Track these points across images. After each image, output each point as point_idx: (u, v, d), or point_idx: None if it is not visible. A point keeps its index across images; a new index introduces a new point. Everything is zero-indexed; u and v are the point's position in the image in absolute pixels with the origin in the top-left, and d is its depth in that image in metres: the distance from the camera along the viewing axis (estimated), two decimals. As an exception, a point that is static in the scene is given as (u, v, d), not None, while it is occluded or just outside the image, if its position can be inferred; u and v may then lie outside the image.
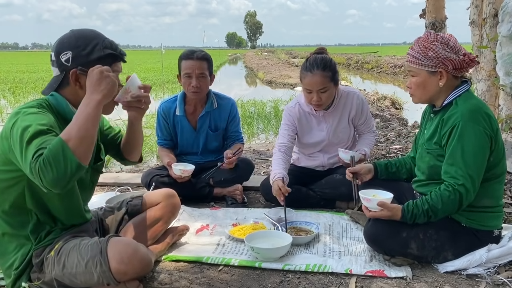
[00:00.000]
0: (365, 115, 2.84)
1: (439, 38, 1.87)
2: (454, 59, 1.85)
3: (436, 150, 1.93)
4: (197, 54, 2.82)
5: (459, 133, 1.80)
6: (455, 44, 1.86)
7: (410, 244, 1.91)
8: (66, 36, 1.69)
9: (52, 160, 1.40)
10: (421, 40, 1.90)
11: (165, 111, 2.98)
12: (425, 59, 1.87)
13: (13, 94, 11.54)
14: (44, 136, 1.48)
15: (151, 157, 4.89)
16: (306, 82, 2.59)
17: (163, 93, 11.17)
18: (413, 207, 1.87)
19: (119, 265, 1.61)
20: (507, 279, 1.85)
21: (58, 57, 1.66)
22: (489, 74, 4.00)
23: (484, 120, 1.81)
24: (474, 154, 1.79)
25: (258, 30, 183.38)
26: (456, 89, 1.91)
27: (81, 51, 1.65)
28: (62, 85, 1.69)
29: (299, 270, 1.96)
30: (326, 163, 2.89)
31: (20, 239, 1.70)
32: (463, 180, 1.79)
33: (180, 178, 2.77)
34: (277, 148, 2.73)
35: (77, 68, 1.65)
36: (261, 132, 6.41)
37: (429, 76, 1.90)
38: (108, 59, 1.69)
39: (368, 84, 14.42)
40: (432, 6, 4.63)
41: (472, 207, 1.88)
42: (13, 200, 1.65)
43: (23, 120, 1.52)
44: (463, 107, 1.84)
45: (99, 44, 1.68)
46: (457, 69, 1.87)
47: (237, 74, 24.26)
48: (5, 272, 1.76)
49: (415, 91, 1.97)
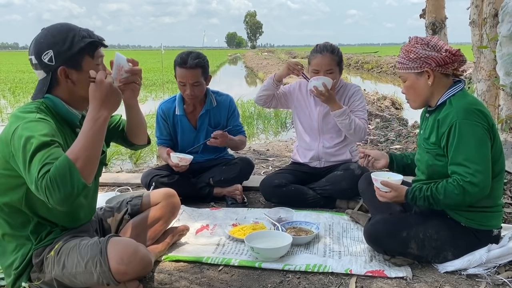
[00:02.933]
0: (357, 106, 2.82)
1: (419, 40, 1.93)
2: (436, 56, 1.88)
3: (435, 150, 1.93)
4: (190, 63, 2.72)
5: (458, 132, 1.81)
6: (436, 43, 1.91)
7: (410, 244, 1.91)
8: (41, 36, 1.64)
9: (60, 181, 1.40)
10: (404, 46, 1.98)
11: (165, 111, 2.98)
12: (409, 61, 1.93)
13: (13, 94, 11.55)
14: (48, 149, 1.47)
15: (151, 157, 4.89)
16: (315, 62, 2.73)
17: (163, 93, 11.17)
18: (416, 189, 1.89)
19: (119, 265, 1.61)
20: (507, 279, 1.86)
21: (40, 59, 1.62)
22: (489, 74, 4.00)
23: (479, 117, 1.82)
24: (477, 149, 1.79)
25: (258, 30, 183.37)
26: (450, 89, 1.93)
27: (61, 47, 1.61)
28: (52, 86, 1.67)
29: (299, 270, 1.96)
30: (322, 153, 2.89)
31: (20, 239, 1.70)
32: (470, 177, 1.78)
33: (177, 166, 2.72)
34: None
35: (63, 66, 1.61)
36: (261, 132, 6.41)
37: (417, 78, 1.94)
38: (90, 47, 1.66)
39: (368, 84, 14.42)
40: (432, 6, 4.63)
41: (471, 207, 1.89)
42: (14, 203, 1.65)
43: (25, 129, 1.50)
44: (457, 105, 1.86)
45: (76, 35, 1.63)
46: (441, 66, 1.90)
47: (237, 74, 24.26)
48: (5, 271, 1.76)
49: (409, 95, 2.02)
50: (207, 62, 2.85)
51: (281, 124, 6.81)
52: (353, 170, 2.72)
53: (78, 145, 1.49)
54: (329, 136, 2.87)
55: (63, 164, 1.42)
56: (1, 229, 1.71)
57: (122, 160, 4.73)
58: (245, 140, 3.07)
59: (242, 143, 3.03)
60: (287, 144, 5.04)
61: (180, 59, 2.76)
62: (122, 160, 4.73)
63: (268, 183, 2.82)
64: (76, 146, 1.49)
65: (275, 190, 2.78)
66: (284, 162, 3.97)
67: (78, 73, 1.65)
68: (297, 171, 2.92)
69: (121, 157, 4.81)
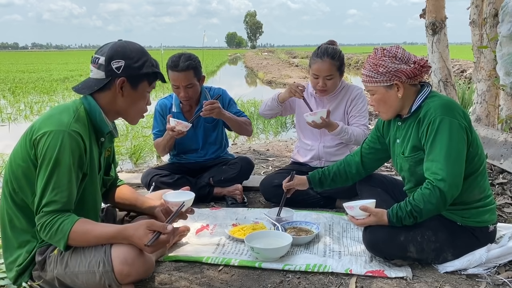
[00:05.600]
0: (358, 110, 2.85)
1: (386, 52, 1.91)
2: (406, 69, 1.88)
3: (416, 155, 1.93)
4: (182, 66, 2.70)
5: (436, 127, 1.81)
6: (403, 55, 1.90)
7: (408, 248, 1.91)
8: (120, 46, 1.75)
9: (48, 237, 1.60)
10: (370, 58, 1.95)
11: (162, 107, 2.99)
12: (378, 75, 1.91)
13: (13, 94, 11.54)
14: (65, 184, 1.59)
15: (151, 157, 4.90)
16: (315, 67, 2.74)
17: (163, 93, 11.17)
18: (397, 210, 1.88)
19: (122, 266, 1.61)
20: (507, 279, 1.86)
21: (109, 63, 1.72)
22: (489, 74, 4.00)
23: (458, 113, 1.83)
24: (451, 147, 1.79)
25: (258, 30, 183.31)
26: (419, 94, 1.94)
27: (133, 63, 1.73)
28: (102, 89, 1.75)
29: (299, 270, 1.96)
30: (322, 152, 2.90)
31: (27, 235, 1.72)
32: (443, 174, 1.78)
33: (173, 130, 2.67)
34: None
35: (126, 78, 1.73)
36: (261, 132, 6.41)
37: (386, 90, 1.94)
38: (152, 76, 1.80)
39: (368, 84, 14.41)
40: (432, 6, 4.63)
41: (464, 204, 1.89)
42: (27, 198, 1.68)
43: (58, 139, 1.59)
44: (434, 104, 1.86)
45: (148, 61, 1.78)
46: (411, 78, 1.90)
47: (237, 74, 24.27)
48: (7, 266, 1.77)
49: (379, 108, 2.01)
50: (199, 63, 2.83)
51: (281, 124, 6.81)
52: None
53: (82, 236, 1.61)
54: (330, 137, 2.87)
55: (60, 234, 1.57)
56: (11, 221, 1.72)
57: (122, 160, 4.73)
58: (249, 122, 3.01)
59: (246, 122, 2.96)
60: (287, 144, 5.04)
61: (171, 62, 2.75)
62: (122, 160, 4.73)
63: (268, 183, 2.82)
64: (80, 235, 1.60)
65: (275, 190, 2.77)
66: (284, 162, 3.97)
67: (132, 90, 1.77)
68: (298, 171, 2.92)
69: (121, 157, 4.81)
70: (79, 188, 1.69)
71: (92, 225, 1.64)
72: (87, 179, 1.73)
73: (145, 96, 1.82)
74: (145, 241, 1.59)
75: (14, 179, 1.68)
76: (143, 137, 5.60)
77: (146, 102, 1.85)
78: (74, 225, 1.58)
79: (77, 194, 1.67)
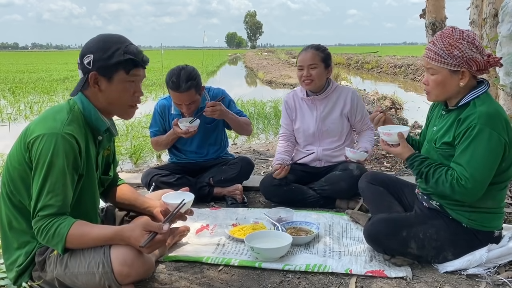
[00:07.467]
0: (361, 112, 2.90)
1: (465, 36, 1.78)
2: (480, 59, 1.78)
3: (447, 151, 1.88)
4: (183, 87, 2.67)
5: (474, 135, 1.75)
6: (480, 44, 1.80)
7: (410, 244, 1.91)
8: (92, 40, 1.74)
9: (47, 242, 1.61)
10: (446, 36, 1.80)
11: (162, 108, 2.99)
12: (449, 57, 1.78)
13: (13, 94, 11.53)
14: (60, 188, 1.58)
15: (151, 157, 4.89)
16: (299, 59, 2.82)
17: (163, 93, 11.18)
18: (418, 160, 1.91)
19: (122, 266, 1.61)
20: (507, 279, 1.85)
21: (82, 60, 1.71)
22: (489, 74, 4.00)
23: (502, 126, 1.75)
24: (483, 158, 1.75)
25: (258, 30, 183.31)
26: (474, 90, 1.84)
27: (102, 54, 1.69)
28: (85, 87, 1.74)
29: (299, 270, 1.96)
30: (321, 155, 2.91)
31: (26, 236, 1.71)
32: (465, 181, 1.76)
33: (187, 132, 2.73)
34: (279, 138, 3.04)
35: (96, 71, 1.69)
36: (261, 132, 6.41)
37: (450, 75, 1.82)
38: (129, 64, 1.72)
39: (368, 84, 14.42)
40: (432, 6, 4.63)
41: (474, 207, 1.88)
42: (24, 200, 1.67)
43: (51, 143, 1.57)
44: (482, 109, 1.77)
45: (121, 49, 1.70)
46: (479, 70, 1.81)
47: (237, 74, 24.24)
48: (7, 266, 1.77)
49: (433, 89, 1.89)
50: (199, 77, 2.81)
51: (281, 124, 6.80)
52: (351, 170, 2.72)
53: (80, 239, 1.61)
54: (329, 141, 2.89)
55: (58, 237, 1.57)
56: (10, 223, 1.72)
57: (122, 160, 4.72)
58: (249, 122, 3.03)
59: (246, 122, 2.98)
60: (287, 144, 5.03)
61: (172, 83, 2.72)
62: (122, 160, 4.72)
63: (268, 182, 2.82)
64: (78, 238, 1.60)
65: (275, 189, 2.78)
66: (284, 162, 3.96)
67: (108, 83, 1.71)
68: (298, 171, 2.92)
69: (121, 157, 4.80)
70: (76, 189, 1.69)
71: (89, 227, 1.64)
72: (84, 180, 1.72)
73: (127, 87, 1.73)
74: (142, 242, 1.59)
75: (11, 181, 1.67)
76: (143, 137, 5.60)
77: (134, 92, 1.76)
78: (71, 228, 1.57)
79: (74, 195, 1.67)
